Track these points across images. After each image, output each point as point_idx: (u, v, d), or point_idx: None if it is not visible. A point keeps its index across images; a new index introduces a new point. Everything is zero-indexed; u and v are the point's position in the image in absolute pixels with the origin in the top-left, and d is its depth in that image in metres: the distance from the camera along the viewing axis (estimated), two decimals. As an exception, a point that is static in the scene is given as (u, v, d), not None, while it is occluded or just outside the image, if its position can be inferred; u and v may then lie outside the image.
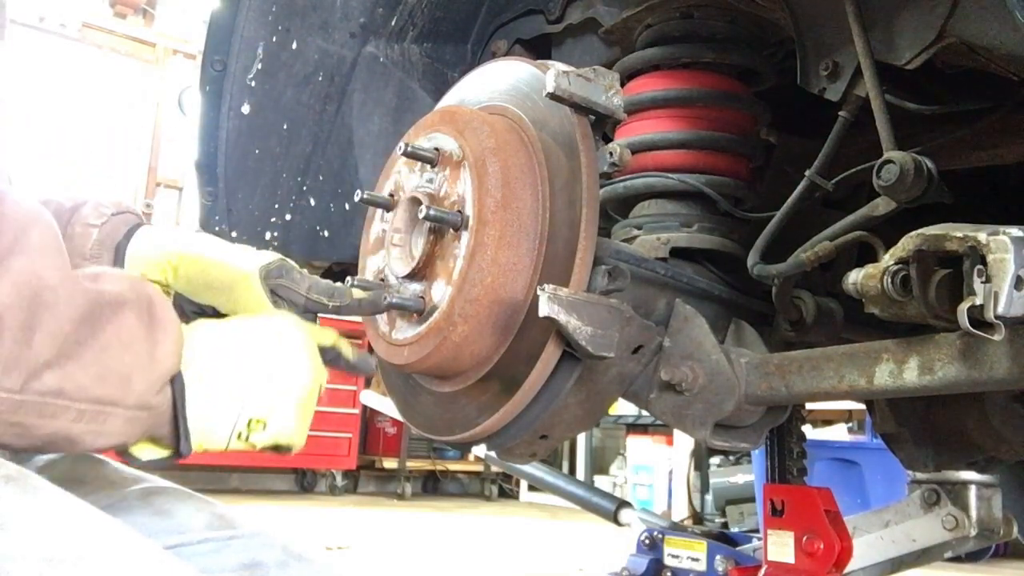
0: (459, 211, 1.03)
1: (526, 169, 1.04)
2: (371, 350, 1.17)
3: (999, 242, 0.83)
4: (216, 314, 1.00)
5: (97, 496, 0.88)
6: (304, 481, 7.03)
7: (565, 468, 7.81)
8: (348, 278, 1.10)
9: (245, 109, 1.68)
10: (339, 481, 6.87)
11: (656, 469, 6.33)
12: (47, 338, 0.69)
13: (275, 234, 1.76)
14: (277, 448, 0.93)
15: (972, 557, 4.10)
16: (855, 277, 0.96)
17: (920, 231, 0.91)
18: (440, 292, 1.05)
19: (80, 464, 0.97)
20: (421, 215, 1.04)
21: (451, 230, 1.04)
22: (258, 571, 0.88)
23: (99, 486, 0.93)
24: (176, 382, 0.80)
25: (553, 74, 0.99)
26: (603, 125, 1.06)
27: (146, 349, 0.76)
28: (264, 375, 0.87)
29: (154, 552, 0.72)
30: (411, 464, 7.13)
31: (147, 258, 1.01)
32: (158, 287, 0.83)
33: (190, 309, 1.01)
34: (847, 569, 1.56)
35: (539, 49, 1.66)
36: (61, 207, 1.07)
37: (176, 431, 0.81)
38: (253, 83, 1.68)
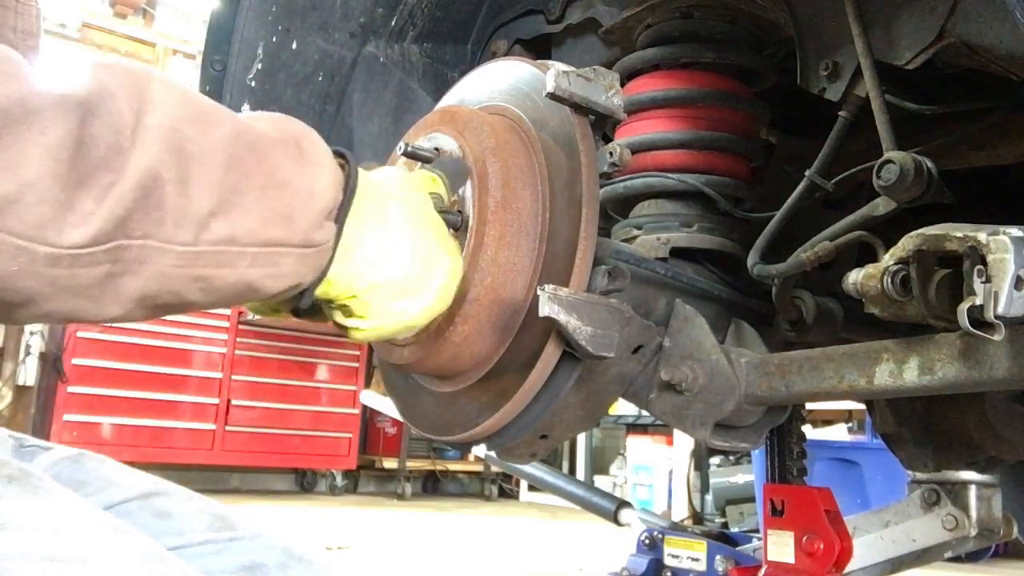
0: (459, 211, 1.03)
1: (526, 169, 1.04)
2: (371, 350, 1.17)
3: (999, 242, 0.83)
4: None
5: (98, 498, 0.88)
6: (304, 481, 7.03)
7: (565, 468, 7.82)
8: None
9: (245, 109, 1.68)
10: (339, 481, 6.87)
11: (656, 469, 6.34)
12: (203, 188, 0.68)
13: (275, 234, 1.76)
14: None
15: (972, 557, 4.09)
16: (855, 277, 0.96)
17: (920, 231, 0.91)
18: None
19: (81, 465, 0.97)
20: None
21: (451, 230, 1.04)
22: (259, 572, 0.88)
23: (100, 487, 0.93)
24: (339, 218, 0.79)
25: (553, 74, 0.99)
26: (603, 125, 1.06)
27: (302, 186, 0.75)
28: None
29: (158, 553, 0.72)
30: (411, 464, 7.13)
31: None
32: (299, 121, 0.81)
33: None
34: (847, 569, 1.56)
35: (539, 49, 1.66)
36: None
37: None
38: (253, 83, 1.68)
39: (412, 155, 1.09)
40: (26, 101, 0.60)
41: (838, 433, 5.21)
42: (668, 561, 2.02)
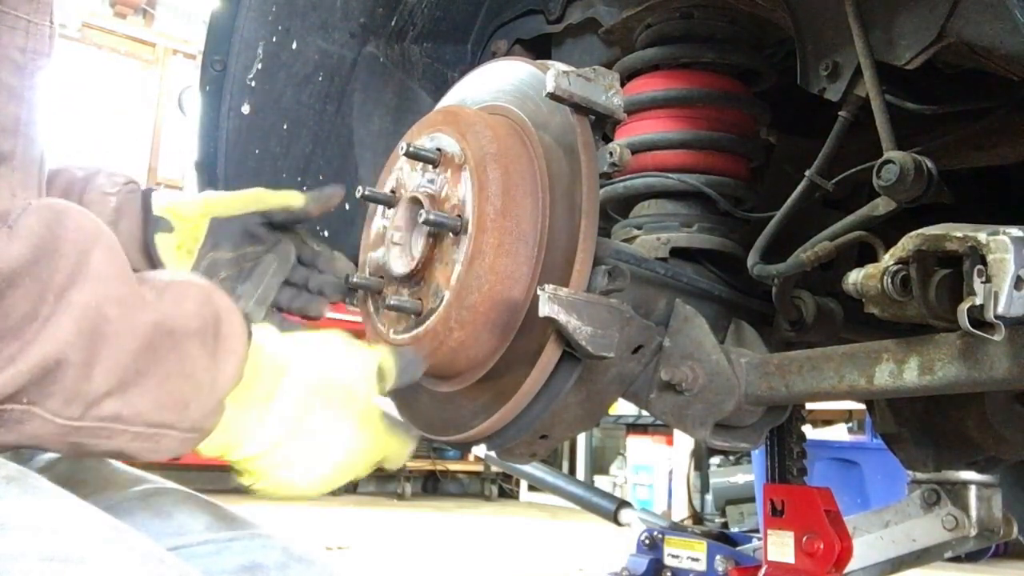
0: (459, 215, 1.03)
1: (527, 175, 1.04)
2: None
3: (999, 242, 0.83)
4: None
5: (97, 498, 0.88)
6: (304, 481, 7.02)
7: (565, 468, 7.81)
8: (347, 276, 1.12)
9: (245, 109, 1.68)
10: (339, 481, 6.86)
11: (656, 469, 6.34)
12: (107, 371, 0.70)
13: (275, 234, 1.76)
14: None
15: (972, 557, 4.09)
16: (855, 277, 0.96)
17: (920, 231, 0.91)
18: (438, 295, 1.05)
19: (81, 465, 0.97)
20: (421, 219, 1.04)
21: (450, 234, 1.04)
22: (258, 573, 0.88)
23: (100, 487, 0.93)
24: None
25: (553, 74, 0.99)
26: (603, 125, 1.06)
27: (207, 378, 0.77)
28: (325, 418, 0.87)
29: (156, 553, 0.72)
30: (411, 464, 7.13)
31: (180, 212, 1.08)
32: (226, 297, 0.83)
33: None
34: (847, 569, 1.56)
35: (539, 49, 1.66)
36: (74, 176, 1.09)
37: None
38: (253, 83, 1.68)
39: (414, 156, 1.09)
40: None
41: (838, 433, 5.21)
42: (668, 561, 2.02)
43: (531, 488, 7.36)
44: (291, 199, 1.18)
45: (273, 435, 0.83)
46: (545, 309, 0.93)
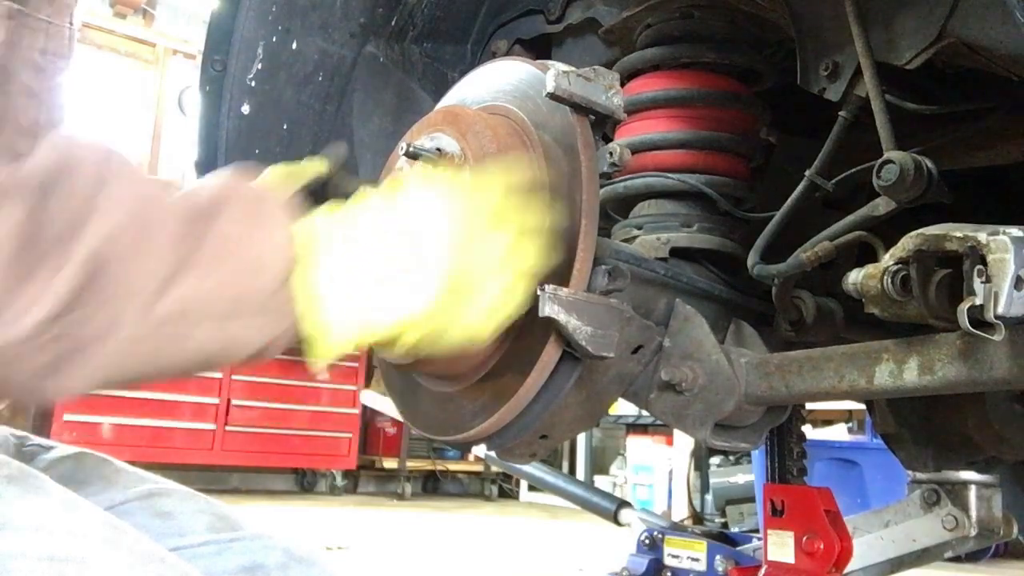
0: None
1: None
2: (372, 350, 1.17)
3: (999, 242, 0.83)
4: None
5: (98, 498, 0.88)
6: (304, 481, 7.03)
7: (565, 468, 7.81)
8: None
9: (245, 109, 1.68)
10: (339, 481, 6.87)
11: (656, 469, 6.34)
12: (153, 264, 0.68)
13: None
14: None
15: (972, 557, 4.10)
16: (855, 277, 0.96)
17: (920, 231, 0.91)
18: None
19: (82, 465, 0.96)
20: None
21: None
22: (259, 573, 0.88)
23: (101, 488, 0.92)
24: (295, 279, 0.77)
25: (553, 74, 0.99)
26: (603, 125, 1.06)
27: (255, 250, 0.75)
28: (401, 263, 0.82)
29: (158, 554, 0.72)
30: (411, 464, 7.13)
31: None
32: (257, 185, 0.80)
33: None
34: (847, 569, 1.56)
35: (539, 49, 1.66)
36: None
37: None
38: (253, 83, 1.68)
39: (414, 155, 1.09)
40: None
41: (838, 433, 5.21)
42: (668, 561, 2.02)
43: (531, 488, 7.36)
44: (321, 166, 1.18)
45: (357, 294, 0.80)
46: (545, 309, 0.93)
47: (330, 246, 0.80)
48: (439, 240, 0.84)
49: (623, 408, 6.29)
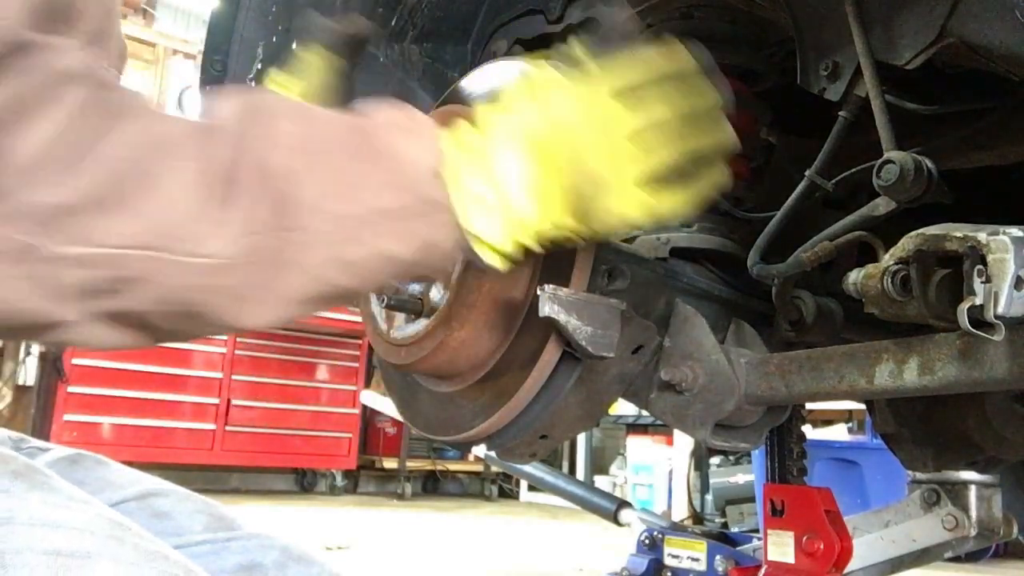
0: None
1: None
2: (371, 350, 1.18)
3: (999, 242, 0.83)
4: None
5: (96, 498, 0.88)
6: (304, 481, 7.03)
7: (565, 468, 7.82)
8: None
9: (245, 109, 1.68)
10: (339, 481, 6.87)
11: (656, 469, 6.33)
12: (313, 176, 0.71)
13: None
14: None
15: (972, 557, 4.10)
16: (855, 277, 0.96)
17: (920, 231, 0.91)
18: (438, 293, 1.05)
19: (79, 466, 0.96)
20: None
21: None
22: (256, 573, 0.88)
23: (98, 488, 0.92)
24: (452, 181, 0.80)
25: (553, 74, 0.99)
26: (603, 125, 1.05)
27: (403, 151, 0.78)
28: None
29: (162, 551, 0.72)
30: (411, 464, 7.13)
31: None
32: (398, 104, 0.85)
33: None
34: (847, 569, 1.56)
35: (539, 49, 1.66)
36: None
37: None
38: (253, 83, 1.67)
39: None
40: (155, 133, 0.65)
41: (838, 433, 5.21)
42: (668, 561, 2.02)
43: (531, 488, 7.36)
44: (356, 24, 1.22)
45: (512, 191, 0.81)
46: (545, 309, 0.93)
47: (475, 152, 0.82)
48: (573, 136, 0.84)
49: (623, 408, 6.29)
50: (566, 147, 0.83)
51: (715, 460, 5.74)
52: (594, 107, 0.84)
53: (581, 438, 7.34)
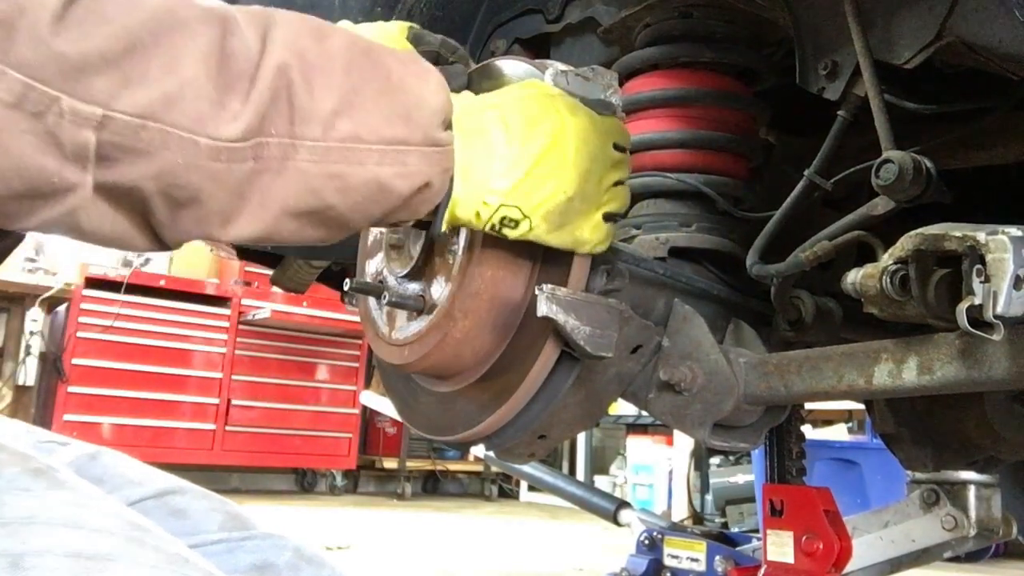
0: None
1: None
2: (371, 350, 1.18)
3: (998, 242, 0.83)
4: None
5: (115, 495, 0.88)
6: (304, 481, 7.03)
7: (565, 468, 7.82)
8: (347, 280, 1.12)
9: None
10: (339, 481, 6.87)
11: (656, 469, 6.33)
12: (326, 91, 0.73)
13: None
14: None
15: (972, 557, 4.09)
16: (854, 277, 0.96)
17: (919, 231, 0.91)
18: (440, 289, 1.05)
19: (99, 462, 0.96)
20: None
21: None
22: (269, 572, 0.89)
23: (116, 486, 0.93)
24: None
25: (551, 73, 0.99)
26: (602, 124, 1.05)
27: (416, 88, 0.79)
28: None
29: (182, 553, 0.72)
30: (411, 464, 7.13)
31: None
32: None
33: None
34: (847, 569, 1.56)
35: (538, 48, 1.66)
36: None
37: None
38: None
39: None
40: (176, 12, 0.66)
41: (838, 433, 5.21)
42: (668, 561, 2.02)
43: (531, 488, 7.36)
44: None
45: (508, 163, 0.86)
46: (543, 309, 0.93)
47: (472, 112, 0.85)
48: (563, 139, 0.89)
49: (623, 408, 6.29)
50: (572, 156, 0.88)
51: (715, 460, 5.74)
52: (601, 147, 0.92)
53: (581, 438, 7.34)
